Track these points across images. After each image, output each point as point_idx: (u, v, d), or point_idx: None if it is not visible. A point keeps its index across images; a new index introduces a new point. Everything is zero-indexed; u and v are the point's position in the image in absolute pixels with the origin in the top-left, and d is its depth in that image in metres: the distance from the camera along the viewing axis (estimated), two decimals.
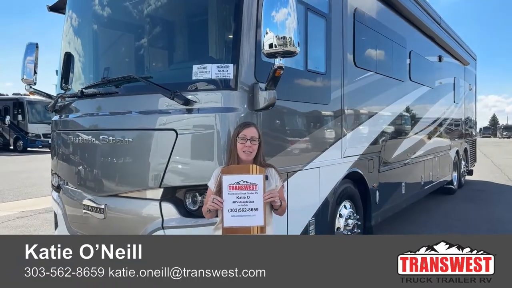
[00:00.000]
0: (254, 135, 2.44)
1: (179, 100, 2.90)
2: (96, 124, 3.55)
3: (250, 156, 2.42)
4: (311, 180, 3.84)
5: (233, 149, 2.46)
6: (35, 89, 4.27)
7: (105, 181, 3.40)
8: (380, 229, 5.98)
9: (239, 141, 2.42)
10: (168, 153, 2.99)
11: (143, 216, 3.15)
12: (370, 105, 5.09)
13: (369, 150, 5.03)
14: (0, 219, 7.15)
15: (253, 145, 2.43)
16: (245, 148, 2.40)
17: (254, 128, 2.48)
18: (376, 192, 5.20)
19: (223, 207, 2.27)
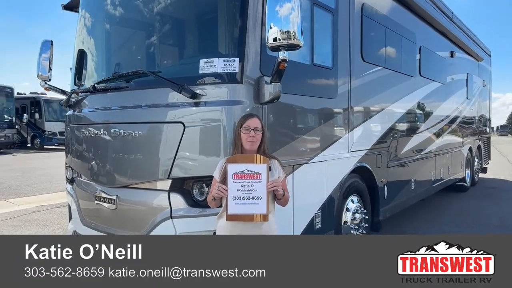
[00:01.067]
0: (257, 125, 2.52)
1: (186, 93, 2.98)
2: (107, 118, 3.66)
3: (254, 146, 2.50)
4: (317, 173, 3.88)
5: (237, 139, 2.54)
6: (50, 85, 4.41)
7: (116, 173, 3.51)
8: (388, 224, 5.99)
9: (243, 131, 2.50)
10: (176, 146, 3.08)
11: (152, 206, 3.25)
12: (379, 100, 5.10)
13: (377, 145, 5.04)
14: (18, 213, 7.38)
15: (257, 135, 2.50)
16: (249, 138, 2.48)
17: (257, 119, 2.56)
18: (385, 187, 5.21)
19: (228, 194, 2.35)
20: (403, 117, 5.84)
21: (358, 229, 4.60)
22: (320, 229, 3.88)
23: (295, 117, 3.59)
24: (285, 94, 3.30)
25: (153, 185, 3.28)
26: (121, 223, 3.47)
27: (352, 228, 4.53)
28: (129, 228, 3.39)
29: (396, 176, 5.56)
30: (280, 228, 3.37)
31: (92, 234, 3.78)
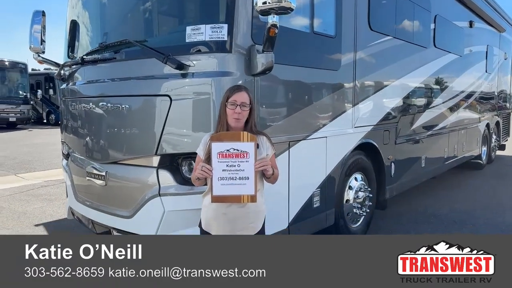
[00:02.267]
0: (245, 100, 2.30)
1: (172, 64, 2.79)
2: (96, 91, 3.52)
3: (239, 123, 2.29)
4: (317, 150, 3.69)
5: (222, 114, 2.33)
6: (43, 58, 4.27)
7: (105, 148, 3.39)
8: (396, 202, 5.80)
9: (229, 106, 2.29)
10: (163, 120, 2.92)
11: (141, 183, 3.13)
12: (387, 73, 4.80)
13: (385, 121, 4.78)
14: (26, 187, 7.45)
15: (243, 111, 2.29)
16: (235, 115, 2.27)
17: (245, 93, 2.33)
18: (392, 164, 4.98)
19: (213, 175, 2.18)
20: (414, 91, 5.52)
21: (361, 207, 4.42)
22: (318, 208, 3.72)
23: (291, 90, 3.37)
24: (281, 65, 3.08)
25: (142, 161, 3.15)
26: (111, 200, 3.37)
27: (355, 207, 4.36)
28: (119, 205, 3.30)
29: (404, 153, 5.31)
30: (274, 207, 3.24)
31: (85, 210, 3.71)
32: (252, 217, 2.30)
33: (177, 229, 2.96)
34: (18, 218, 5.54)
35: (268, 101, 3.10)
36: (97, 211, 3.52)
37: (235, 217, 2.27)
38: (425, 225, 5.20)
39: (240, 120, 2.29)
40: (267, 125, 3.08)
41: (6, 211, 5.89)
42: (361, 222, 4.52)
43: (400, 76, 5.05)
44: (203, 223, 2.35)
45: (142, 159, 3.14)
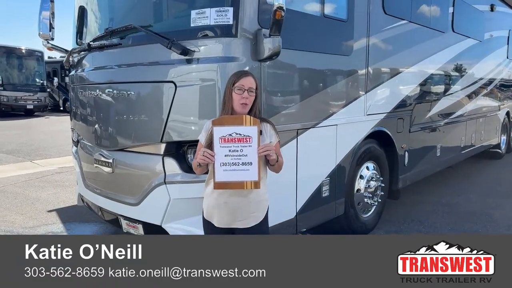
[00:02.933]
0: (252, 86, 2.22)
1: (177, 49, 2.73)
2: (103, 77, 3.48)
3: (246, 109, 2.22)
4: (326, 138, 3.59)
5: (227, 100, 2.25)
6: (53, 45, 4.24)
7: (112, 135, 3.37)
8: (409, 192, 5.67)
9: (236, 91, 2.21)
10: (168, 107, 2.86)
11: (147, 171, 3.11)
12: (402, 58, 4.63)
13: (399, 108, 4.64)
14: (41, 173, 7.57)
15: (250, 97, 2.21)
16: (242, 100, 2.19)
17: (251, 78, 2.25)
18: (405, 153, 4.85)
19: (215, 161, 2.12)
20: (431, 77, 5.34)
21: (372, 197, 4.32)
22: (327, 197, 3.64)
23: (300, 77, 3.27)
24: (289, 50, 2.98)
25: (148, 149, 3.12)
26: (119, 188, 3.36)
27: (366, 197, 4.27)
28: (126, 193, 3.29)
29: (419, 142, 5.16)
30: (282, 196, 3.18)
31: (94, 197, 3.72)
32: (253, 207, 2.24)
33: (182, 217, 2.94)
34: (33, 204, 5.63)
35: (275, 88, 3.01)
36: (105, 198, 3.52)
37: (236, 206, 2.22)
38: (439, 215, 5.07)
39: (247, 106, 2.22)
40: (274, 112, 3.00)
41: (21, 197, 5.99)
42: (372, 212, 4.43)
43: (416, 62, 4.87)
44: (204, 212, 2.31)
45: (148, 147, 3.11)
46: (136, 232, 3.27)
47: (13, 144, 10.97)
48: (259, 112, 2.32)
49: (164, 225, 2.99)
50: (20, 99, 20.39)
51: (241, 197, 2.21)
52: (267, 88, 2.91)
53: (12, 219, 4.99)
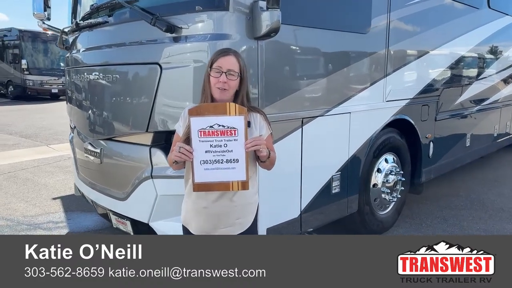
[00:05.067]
0: (232, 67, 1.84)
1: (161, 26, 2.38)
2: (89, 59, 3.20)
3: (224, 95, 1.85)
4: (337, 128, 3.19)
5: (206, 84, 1.89)
6: (49, 26, 3.99)
7: (98, 123, 3.10)
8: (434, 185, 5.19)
9: (212, 73, 1.85)
10: (153, 92, 2.54)
11: (134, 163, 2.82)
12: (429, 37, 4.11)
13: (424, 94, 4.15)
14: (54, 158, 7.50)
15: (230, 81, 1.84)
16: (218, 84, 1.83)
17: (233, 57, 1.87)
18: (430, 144, 4.38)
19: (193, 158, 1.79)
20: (462, 59, 4.78)
21: (391, 192, 3.90)
22: (338, 194, 3.26)
23: (305, 57, 2.87)
24: (292, 26, 2.59)
25: (136, 138, 2.83)
26: (107, 180, 3.11)
27: (384, 192, 3.85)
28: (114, 186, 3.02)
29: (446, 131, 4.65)
30: (283, 193, 2.83)
31: (86, 188, 3.49)
32: (239, 212, 1.90)
33: (171, 215, 2.64)
34: (39, 191, 5.52)
35: (275, 71, 2.63)
36: (95, 191, 3.28)
37: (218, 212, 1.88)
38: (466, 212, 4.59)
39: (226, 92, 1.85)
40: (274, 99, 2.63)
41: (30, 182, 5.91)
42: (391, 209, 4.02)
43: (444, 42, 4.34)
44: (182, 216, 1.99)
45: (136, 137, 2.82)
46: (125, 228, 3.02)
47: (33, 128, 11.05)
48: (248, 100, 1.95)
49: (151, 223, 2.71)
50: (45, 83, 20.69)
51: (224, 200, 1.87)
52: (266, 71, 2.53)
53: (15, 206, 4.88)
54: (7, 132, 10.29)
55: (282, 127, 2.70)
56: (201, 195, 1.88)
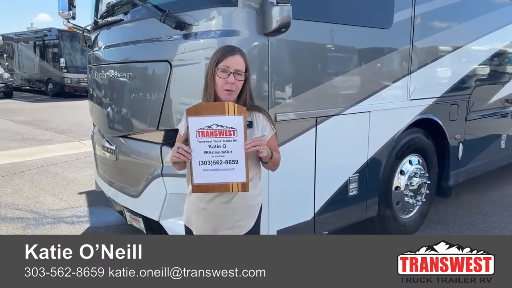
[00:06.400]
0: (239, 67, 1.78)
1: (170, 23, 2.36)
2: (105, 57, 3.24)
3: (231, 97, 1.79)
4: (355, 127, 3.06)
5: (209, 83, 1.83)
6: (74, 25, 4.08)
7: (113, 120, 3.14)
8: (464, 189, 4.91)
9: (219, 74, 1.78)
10: (163, 90, 2.52)
11: (146, 161, 2.82)
12: (460, 32, 3.87)
13: (453, 92, 3.91)
14: (84, 154, 7.74)
15: (237, 82, 1.77)
16: (227, 86, 1.76)
17: (240, 57, 1.80)
18: (460, 145, 4.14)
19: (192, 158, 1.75)
20: (497, 55, 4.48)
21: (414, 196, 3.72)
22: (355, 197, 3.13)
23: (319, 54, 2.75)
24: (306, 22, 2.49)
25: (148, 136, 2.83)
26: (121, 177, 3.14)
27: (407, 195, 3.67)
28: (129, 183, 3.05)
29: (478, 132, 4.39)
30: (295, 195, 2.74)
31: (103, 185, 3.54)
32: (240, 214, 1.84)
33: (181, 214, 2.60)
34: (67, 185, 5.71)
35: (286, 67, 2.54)
36: (111, 187, 3.32)
37: (217, 213, 1.84)
38: (499, 219, 4.32)
39: (233, 93, 1.79)
40: (285, 97, 2.55)
41: (60, 177, 6.12)
42: (415, 213, 3.83)
43: (477, 37, 4.07)
44: (184, 216, 1.96)
45: (149, 134, 2.81)
46: (138, 225, 3.04)
47: (68, 124, 11.47)
48: (251, 99, 1.88)
49: (162, 221, 2.70)
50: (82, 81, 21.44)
51: (223, 202, 1.82)
52: (277, 68, 2.45)
53: (43, 199, 5.06)
54: (44, 128, 10.74)
55: (294, 126, 2.62)
56: (200, 196, 1.85)
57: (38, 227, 4.19)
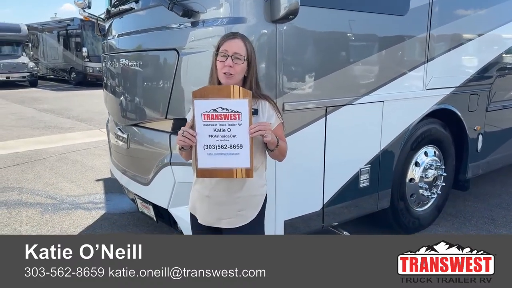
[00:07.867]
0: (238, 51, 1.76)
1: (178, 11, 2.34)
2: (117, 46, 3.26)
3: (230, 80, 1.78)
4: (367, 117, 2.99)
5: (213, 69, 1.84)
6: (90, 14, 4.13)
7: (124, 109, 3.17)
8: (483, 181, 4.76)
9: (219, 58, 1.79)
10: (171, 79, 2.52)
11: (156, 149, 2.84)
12: (481, 19, 3.71)
13: (472, 81, 3.77)
14: (103, 141, 7.83)
15: (236, 65, 1.76)
16: (224, 69, 1.76)
17: (240, 41, 1.79)
18: (479, 136, 4.00)
19: (197, 142, 1.75)
20: None
21: (430, 188, 3.63)
22: (366, 188, 3.07)
23: (331, 42, 2.69)
24: (315, 8, 2.43)
25: (158, 125, 2.85)
26: (132, 165, 3.18)
27: (422, 188, 3.59)
28: (139, 171, 3.08)
29: (499, 123, 4.23)
30: (304, 185, 2.72)
31: (117, 173, 3.60)
32: (242, 203, 1.83)
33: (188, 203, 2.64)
34: (86, 172, 5.84)
35: (295, 56, 2.49)
36: (124, 175, 3.37)
37: (220, 201, 1.83)
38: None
39: (233, 76, 1.77)
40: (294, 86, 2.51)
41: (79, 164, 6.27)
42: (430, 206, 3.74)
43: (499, 24, 3.89)
44: (190, 204, 1.97)
45: (158, 123, 2.83)
46: (149, 213, 3.08)
47: (89, 113, 11.69)
48: (257, 86, 1.86)
49: (170, 209, 2.73)
50: None
51: (226, 190, 1.81)
52: (285, 55, 2.41)
53: (62, 185, 5.20)
54: (66, 116, 10.99)
55: (303, 115, 2.58)
56: (205, 183, 1.84)
57: (56, 213, 4.30)
